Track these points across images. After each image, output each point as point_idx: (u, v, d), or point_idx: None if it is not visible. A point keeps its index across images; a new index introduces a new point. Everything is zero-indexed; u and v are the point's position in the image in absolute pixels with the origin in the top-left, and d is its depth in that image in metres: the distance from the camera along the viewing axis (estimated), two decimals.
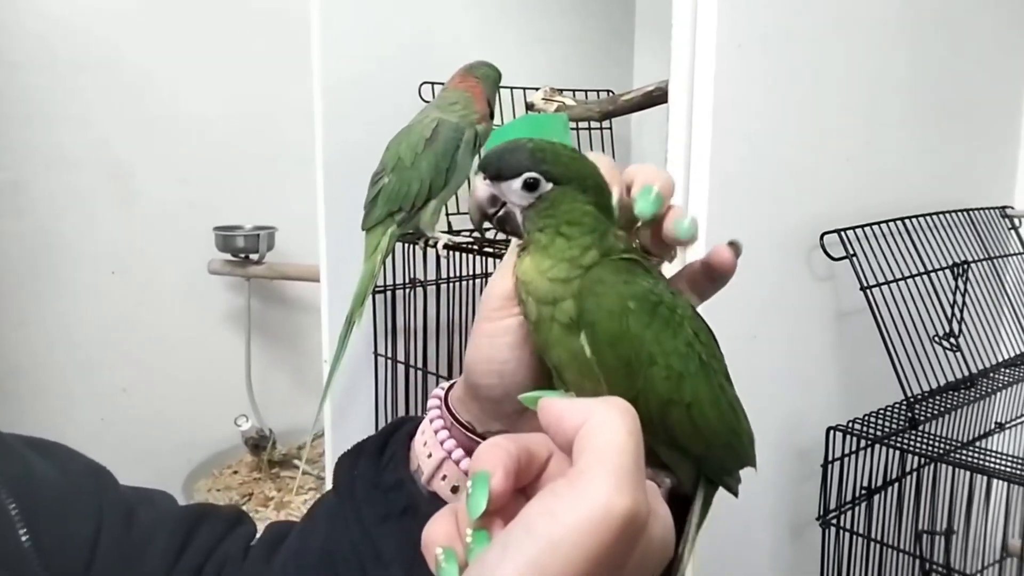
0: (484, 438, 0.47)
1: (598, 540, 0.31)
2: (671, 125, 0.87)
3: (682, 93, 0.85)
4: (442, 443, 0.50)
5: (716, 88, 0.83)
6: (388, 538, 0.50)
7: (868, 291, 0.93)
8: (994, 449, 0.95)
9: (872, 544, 0.92)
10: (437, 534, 0.37)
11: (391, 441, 0.54)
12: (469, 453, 0.49)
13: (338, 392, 1.30)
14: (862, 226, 0.97)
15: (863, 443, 0.92)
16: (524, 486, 0.37)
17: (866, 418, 0.94)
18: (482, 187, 0.45)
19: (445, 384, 0.53)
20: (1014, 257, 1.14)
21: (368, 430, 1.42)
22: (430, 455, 0.51)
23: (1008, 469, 0.88)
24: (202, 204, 1.96)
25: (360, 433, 1.38)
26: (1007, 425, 1.10)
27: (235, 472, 2.00)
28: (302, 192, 1.82)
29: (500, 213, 0.45)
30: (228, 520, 0.60)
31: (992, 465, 0.88)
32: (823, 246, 0.94)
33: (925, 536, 0.85)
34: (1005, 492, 1.08)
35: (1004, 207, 1.17)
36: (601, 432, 0.34)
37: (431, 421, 0.52)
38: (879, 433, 0.91)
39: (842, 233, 0.95)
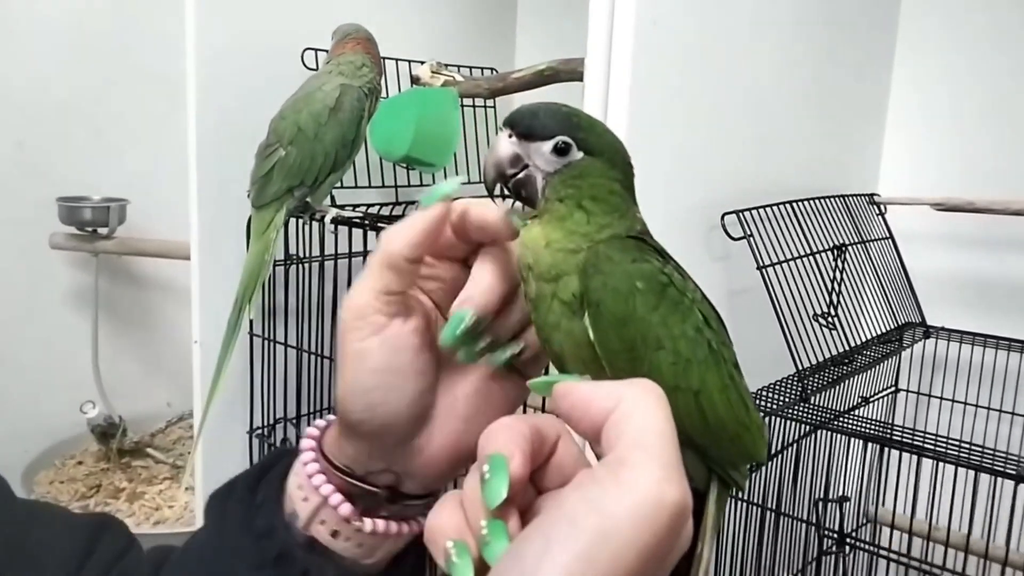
0: (364, 480, 0.45)
1: (650, 532, 0.30)
2: (586, 102, 0.87)
3: (599, 69, 0.85)
4: (318, 488, 0.46)
5: (634, 66, 0.83)
6: None
7: (763, 270, 0.97)
8: (867, 416, 1.02)
9: (768, 512, 0.97)
10: (445, 526, 0.34)
11: (264, 482, 0.50)
12: (348, 496, 0.45)
13: (208, 373, 1.22)
14: (758, 208, 1.00)
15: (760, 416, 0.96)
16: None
17: (760, 392, 0.98)
18: (506, 144, 0.42)
19: (321, 422, 0.49)
20: (880, 241, 1.22)
21: (243, 413, 1.35)
22: (306, 499, 0.46)
23: (878, 434, 0.95)
24: (43, 172, 1.78)
25: (235, 418, 1.33)
26: (872, 398, 1.18)
27: (80, 463, 1.84)
28: (160, 162, 1.71)
29: (520, 175, 0.43)
30: (127, 535, 0.55)
31: (869, 431, 0.94)
32: (723, 226, 0.97)
33: (820, 503, 0.90)
34: (877, 459, 1.17)
35: (872, 194, 1.26)
36: (638, 417, 0.33)
37: (304, 464, 0.47)
38: (775, 406, 0.96)
39: (740, 214, 0.98)
